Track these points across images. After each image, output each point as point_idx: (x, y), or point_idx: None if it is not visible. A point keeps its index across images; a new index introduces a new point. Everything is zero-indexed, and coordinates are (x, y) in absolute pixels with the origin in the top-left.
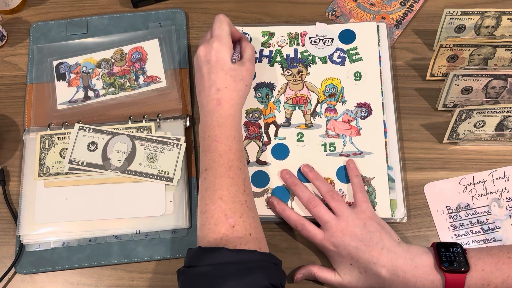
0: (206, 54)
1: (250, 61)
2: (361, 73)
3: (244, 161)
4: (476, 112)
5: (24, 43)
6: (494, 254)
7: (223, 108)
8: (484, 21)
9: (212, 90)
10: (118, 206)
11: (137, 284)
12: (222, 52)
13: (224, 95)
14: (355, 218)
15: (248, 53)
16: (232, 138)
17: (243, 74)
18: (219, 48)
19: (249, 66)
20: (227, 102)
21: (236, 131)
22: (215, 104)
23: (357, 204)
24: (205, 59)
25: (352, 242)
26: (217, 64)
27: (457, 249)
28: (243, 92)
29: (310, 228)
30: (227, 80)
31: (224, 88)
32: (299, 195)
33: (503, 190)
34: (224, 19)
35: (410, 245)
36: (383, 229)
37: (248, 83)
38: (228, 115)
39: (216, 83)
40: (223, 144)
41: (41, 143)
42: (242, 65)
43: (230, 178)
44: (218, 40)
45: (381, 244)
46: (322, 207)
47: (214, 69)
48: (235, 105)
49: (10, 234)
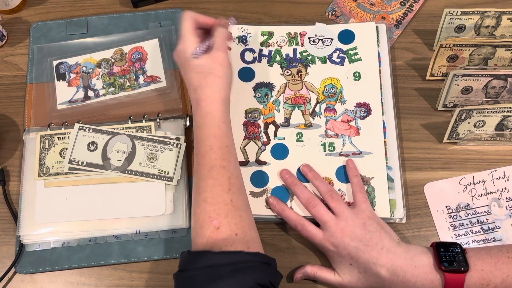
0: (176, 56)
1: (219, 49)
2: (360, 73)
3: (229, 158)
4: (476, 112)
5: (24, 43)
6: (494, 254)
7: (201, 108)
8: (484, 21)
9: (190, 91)
10: (118, 206)
11: (137, 284)
12: (186, 51)
13: (200, 95)
14: (354, 218)
15: (216, 41)
16: (212, 137)
17: (211, 66)
18: (181, 48)
19: (217, 56)
20: (203, 101)
21: (217, 129)
22: (195, 106)
23: (357, 204)
24: (178, 62)
25: (351, 242)
26: (185, 64)
27: (456, 249)
28: (218, 85)
29: (310, 228)
30: (198, 77)
31: (198, 87)
32: (299, 195)
33: (503, 190)
34: (185, 16)
35: (410, 245)
36: (382, 229)
37: (221, 73)
38: (206, 113)
39: (190, 83)
40: (204, 145)
41: (41, 143)
42: (210, 57)
43: (213, 178)
44: (181, 40)
45: (381, 244)
46: (321, 207)
47: (184, 69)
48: (213, 101)
49: (10, 234)
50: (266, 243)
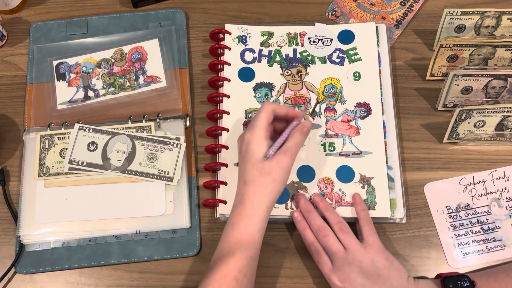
0: (241, 144)
1: (286, 154)
2: (360, 73)
3: (246, 271)
4: (476, 112)
5: (24, 43)
6: (501, 279)
7: (243, 206)
8: (484, 21)
9: (241, 181)
10: (118, 206)
11: (137, 284)
12: (252, 144)
13: (248, 190)
14: (362, 252)
15: (287, 144)
16: (240, 244)
17: (272, 168)
18: (249, 139)
19: (283, 160)
20: (249, 200)
21: (249, 237)
22: (239, 200)
23: (364, 237)
24: (239, 149)
25: (358, 279)
26: (246, 156)
27: (465, 282)
28: (269, 188)
29: (322, 255)
30: (254, 173)
31: (250, 182)
32: (311, 222)
33: (503, 190)
34: (264, 107)
35: (419, 282)
36: (391, 265)
37: (277, 177)
38: (246, 215)
39: (244, 175)
40: (228, 246)
41: (41, 143)
42: (275, 158)
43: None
44: (251, 130)
45: (389, 282)
46: (331, 237)
47: (243, 160)
48: (259, 203)
49: (10, 234)
50: (266, 243)
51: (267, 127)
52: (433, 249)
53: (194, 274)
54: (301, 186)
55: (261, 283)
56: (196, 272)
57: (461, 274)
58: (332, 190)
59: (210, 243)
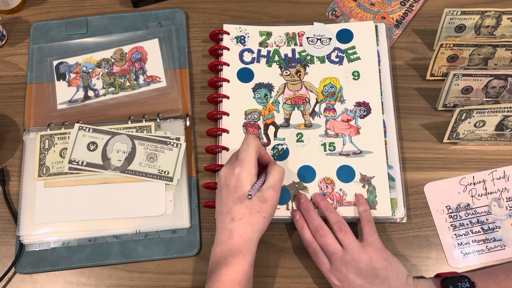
0: (226, 177)
1: (273, 189)
2: (360, 72)
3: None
4: (476, 112)
5: (24, 43)
6: (501, 280)
7: (234, 242)
8: (484, 21)
9: (227, 218)
10: (118, 206)
11: (137, 284)
12: (242, 179)
13: (237, 227)
14: (361, 252)
15: (271, 179)
16: (236, 283)
17: (261, 206)
18: (240, 174)
19: (270, 195)
20: (239, 236)
21: (243, 274)
22: (227, 236)
23: (365, 237)
24: (225, 182)
25: (356, 279)
26: (236, 191)
27: (465, 284)
28: (259, 225)
29: (320, 255)
30: (242, 210)
31: (238, 219)
32: (309, 222)
33: (503, 190)
34: (252, 142)
35: (418, 282)
36: (390, 265)
37: (267, 214)
38: (238, 252)
39: (231, 212)
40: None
41: (41, 143)
42: (262, 195)
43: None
44: (241, 165)
45: (387, 283)
46: (329, 237)
47: (232, 196)
48: (247, 240)
49: (10, 234)
50: (266, 243)
51: (256, 163)
52: (433, 249)
53: (194, 274)
54: (302, 187)
55: (261, 283)
56: (196, 272)
57: (461, 275)
58: (333, 190)
59: (210, 243)
